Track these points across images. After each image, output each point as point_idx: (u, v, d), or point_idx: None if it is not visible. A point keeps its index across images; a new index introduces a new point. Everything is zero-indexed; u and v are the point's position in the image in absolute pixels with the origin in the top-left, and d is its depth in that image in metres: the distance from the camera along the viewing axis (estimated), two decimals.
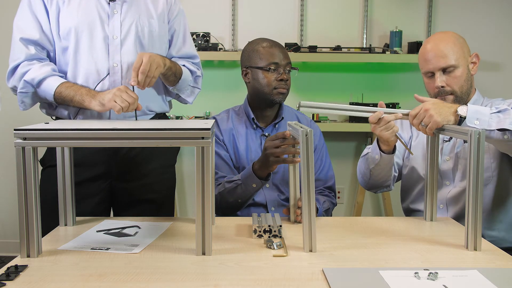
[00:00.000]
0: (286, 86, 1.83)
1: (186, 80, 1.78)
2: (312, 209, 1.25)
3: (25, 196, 1.20)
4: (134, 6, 1.69)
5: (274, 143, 1.57)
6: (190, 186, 3.31)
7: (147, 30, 1.70)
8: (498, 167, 1.69)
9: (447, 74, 1.69)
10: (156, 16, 1.73)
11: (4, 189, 3.31)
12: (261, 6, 3.22)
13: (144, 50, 1.69)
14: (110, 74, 1.65)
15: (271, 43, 1.85)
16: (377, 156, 1.70)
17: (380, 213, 3.42)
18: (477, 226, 1.29)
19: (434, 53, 1.69)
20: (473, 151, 1.28)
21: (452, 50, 1.68)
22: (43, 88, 1.61)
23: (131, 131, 1.21)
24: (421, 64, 1.75)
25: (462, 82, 1.69)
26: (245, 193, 1.71)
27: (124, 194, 1.76)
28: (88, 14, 1.64)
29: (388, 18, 3.23)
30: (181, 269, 1.16)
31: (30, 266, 1.17)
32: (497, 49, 3.24)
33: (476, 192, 1.29)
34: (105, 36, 1.65)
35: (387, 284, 1.07)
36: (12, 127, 1.23)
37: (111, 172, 1.72)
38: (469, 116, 1.44)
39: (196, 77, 1.84)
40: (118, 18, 1.66)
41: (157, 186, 1.79)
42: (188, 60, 1.83)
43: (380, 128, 1.56)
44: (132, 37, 1.67)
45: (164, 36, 1.77)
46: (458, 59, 1.68)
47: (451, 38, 1.71)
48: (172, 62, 1.70)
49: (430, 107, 1.48)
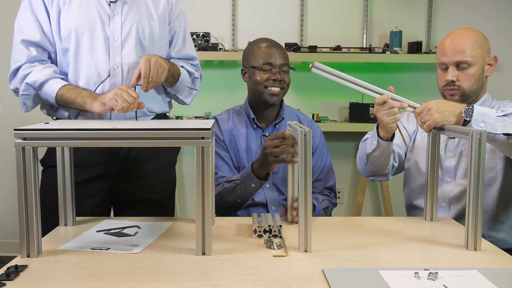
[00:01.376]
0: (280, 85, 1.82)
1: (184, 81, 1.77)
2: (309, 210, 1.25)
3: (25, 196, 1.20)
4: (135, 7, 1.69)
5: (273, 142, 1.57)
6: (190, 186, 3.31)
7: (148, 31, 1.69)
8: (504, 168, 1.69)
9: (460, 70, 1.69)
10: (157, 17, 1.72)
11: (4, 189, 3.31)
12: (261, 6, 3.22)
13: (145, 51, 1.69)
14: (111, 75, 1.64)
15: (269, 44, 1.85)
16: (375, 142, 1.69)
17: (380, 213, 3.42)
18: (477, 226, 1.29)
19: (452, 46, 1.69)
20: (474, 151, 1.28)
21: (471, 47, 1.67)
22: (44, 90, 1.61)
23: (131, 131, 1.21)
24: (438, 54, 1.75)
25: (473, 81, 1.69)
26: (244, 193, 1.71)
27: (124, 195, 1.75)
28: (88, 15, 1.64)
29: (388, 18, 3.23)
30: (181, 269, 1.16)
31: (30, 266, 1.17)
32: (497, 49, 3.20)
33: (477, 192, 1.29)
34: (105, 38, 1.64)
35: (387, 284, 1.07)
36: (12, 127, 1.23)
37: (111, 172, 1.72)
38: (474, 118, 1.44)
39: (194, 79, 1.84)
40: (119, 19, 1.66)
41: (157, 187, 1.79)
42: (187, 62, 1.83)
43: (383, 111, 1.57)
44: (132, 39, 1.66)
45: (165, 37, 1.77)
46: (474, 57, 1.68)
47: (473, 36, 1.70)
48: (170, 63, 1.69)
49: (433, 105, 1.49)
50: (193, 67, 1.84)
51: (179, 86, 1.77)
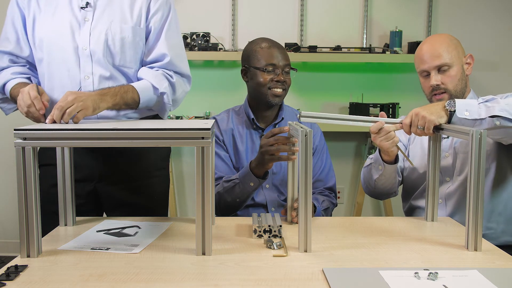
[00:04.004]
0: (283, 86, 1.83)
1: (148, 101, 1.62)
2: (309, 210, 1.25)
3: (25, 196, 1.19)
4: (107, 12, 1.61)
5: (269, 141, 1.58)
6: (190, 186, 3.31)
7: (119, 37, 1.59)
8: (497, 159, 1.70)
9: (442, 73, 1.74)
10: (131, 20, 1.62)
11: (4, 189, 3.31)
12: (261, 6, 3.22)
13: (114, 59, 1.60)
14: (82, 86, 1.58)
15: (270, 44, 1.85)
16: (381, 167, 1.73)
17: (380, 213, 3.42)
18: (477, 226, 1.29)
19: (429, 53, 1.74)
20: (474, 151, 1.27)
21: (446, 50, 1.73)
22: (6, 91, 1.60)
23: (131, 131, 1.21)
24: (417, 64, 1.80)
25: (457, 81, 1.74)
26: (243, 192, 1.71)
27: (109, 197, 1.71)
28: (59, 24, 1.59)
29: (388, 18, 3.23)
30: (181, 269, 1.16)
31: (30, 266, 1.17)
32: (495, 48, 3.24)
33: (477, 192, 1.29)
34: (75, 47, 1.58)
35: (387, 284, 1.07)
36: (12, 127, 1.23)
37: (94, 175, 1.68)
38: (458, 108, 1.47)
39: (162, 93, 1.63)
40: (88, 26, 1.59)
41: (142, 190, 1.73)
42: (156, 68, 1.66)
43: (380, 138, 1.58)
44: (101, 47, 1.58)
45: (140, 41, 1.65)
46: (452, 59, 1.73)
47: (445, 39, 1.76)
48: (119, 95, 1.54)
49: (419, 110, 1.51)
50: (163, 72, 1.65)
51: (144, 106, 1.63)
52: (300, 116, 1.48)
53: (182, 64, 1.71)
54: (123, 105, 1.57)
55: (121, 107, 1.57)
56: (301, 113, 1.48)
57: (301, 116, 1.48)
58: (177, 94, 1.69)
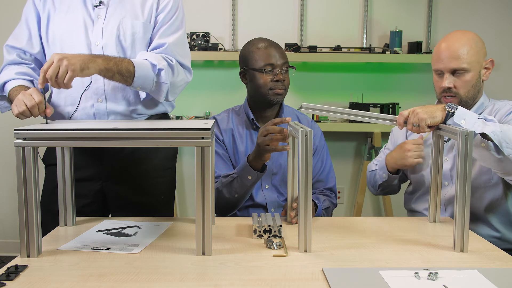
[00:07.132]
0: (283, 86, 1.83)
1: (143, 76, 1.56)
2: (309, 210, 1.26)
3: (25, 196, 1.20)
4: (120, 9, 1.65)
5: (262, 132, 1.60)
6: (190, 186, 3.31)
7: (130, 32, 1.63)
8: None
9: (456, 76, 1.67)
10: (142, 16, 1.66)
11: (4, 189, 3.31)
12: (261, 6, 3.22)
13: (125, 54, 1.64)
14: (93, 81, 1.61)
15: (266, 44, 1.85)
16: (385, 175, 1.79)
17: (380, 213, 3.42)
18: (464, 226, 1.29)
19: (448, 53, 1.66)
20: (461, 151, 1.28)
21: (467, 53, 1.64)
22: (5, 91, 1.60)
23: (131, 131, 1.21)
24: (433, 61, 1.73)
25: (469, 87, 1.67)
26: (241, 187, 1.71)
27: (116, 197, 1.72)
28: (73, 22, 1.63)
29: (388, 18, 3.23)
30: (181, 269, 1.16)
31: (30, 266, 1.17)
32: (496, 48, 3.23)
33: (464, 192, 1.28)
34: (88, 43, 1.62)
35: (387, 284, 1.07)
36: (12, 127, 1.23)
37: (101, 174, 1.69)
38: (458, 113, 1.43)
39: (159, 70, 1.59)
40: (101, 23, 1.63)
41: (149, 190, 1.74)
42: (156, 52, 1.65)
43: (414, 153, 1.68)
44: (113, 42, 1.62)
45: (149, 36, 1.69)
46: (471, 63, 1.65)
47: (469, 41, 1.66)
48: (114, 62, 1.51)
49: (416, 108, 1.50)
50: (161, 54, 1.64)
51: (138, 82, 1.57)
52: (301, 107, 1.50)
53: (184, 59, 1.70)
54: (117, 74, 1.51)
55: (115, 75, 1.52)
56: (302, 105, 1.50)
57: (301, 108, 1.50)
58: (177, 80, 1.66)
